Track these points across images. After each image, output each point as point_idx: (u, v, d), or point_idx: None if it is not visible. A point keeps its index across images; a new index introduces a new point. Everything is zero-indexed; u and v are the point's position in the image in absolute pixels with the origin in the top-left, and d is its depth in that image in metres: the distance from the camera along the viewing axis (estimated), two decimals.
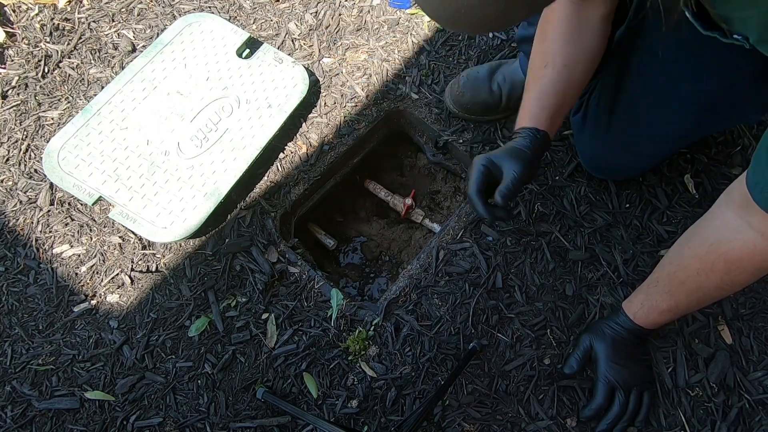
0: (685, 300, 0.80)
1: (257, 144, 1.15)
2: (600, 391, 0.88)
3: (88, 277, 1.09)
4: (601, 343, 0.90)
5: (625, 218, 1.08)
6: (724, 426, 0.91)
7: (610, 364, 0.88)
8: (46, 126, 1.23)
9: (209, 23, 1.27)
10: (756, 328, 0.98)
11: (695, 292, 0.77)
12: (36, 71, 1.29)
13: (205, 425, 0.96)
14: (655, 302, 0.84)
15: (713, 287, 0.74)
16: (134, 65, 1.21)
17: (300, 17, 1.35)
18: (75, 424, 0.97)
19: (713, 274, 0.72)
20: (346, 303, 1.04)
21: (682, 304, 0.81)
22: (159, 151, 1.14)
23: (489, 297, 1.03)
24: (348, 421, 0.96)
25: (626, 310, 0.89)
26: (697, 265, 0.74)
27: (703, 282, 0.75)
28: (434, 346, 1.00)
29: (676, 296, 0.80)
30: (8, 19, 1.36)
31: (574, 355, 0.93)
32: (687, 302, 0.80)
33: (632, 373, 0.88)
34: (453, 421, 0.94)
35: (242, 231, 1.12)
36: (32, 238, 1.12)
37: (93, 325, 1.05)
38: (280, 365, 1.00)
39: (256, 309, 1.05)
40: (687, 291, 0.78)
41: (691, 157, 1.13)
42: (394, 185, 1.42)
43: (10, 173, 1.19)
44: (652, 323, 0.87)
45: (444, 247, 1.09)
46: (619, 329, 0.89)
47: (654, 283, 0.84)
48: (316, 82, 1.27)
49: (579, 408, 0.93)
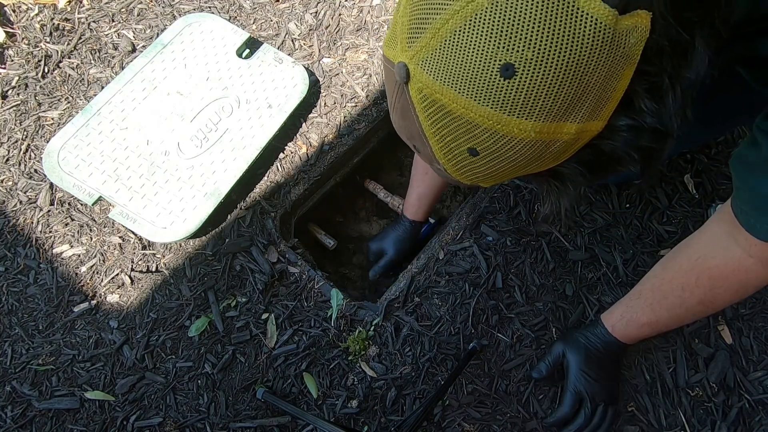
0: (666, 315, 0.78)
1: (257, 144, 1.15)
2: (567, 400, 0.87)
3: (88, 277, 1.09)
4: (574, 353, 0.88)
5: (625, 218, 1.08)
6: (724, 426, 0.91)
7: (580, 374, 0.87)
8: (46, 126, 1.23)
9: (209, 23, 1.27)
10: (756, 328, 0.98)
11: (677, 307, 0.76)
12: (36, 71, 1.29)
13: (205, 425, 0.96)
14: (636, 315, 0.82)
15: (696, 302, 0.74)
16: (134, 65, 1.21)
17: (300, 17, 1.35)
18: (75, 424, 0.97)
19: (697, 289, 0.72)
20: (346, 303, 1.04)
21: (663, 320, 0.79)
22: (159, 151, 1.14)
23: (489, 297, 1.03)
24: (348, 421, 0.96)
25: (604, 321, 0.87)
26: (682, 279, 0.74)
27: (686, 297, 0.74)
28: (434, 346, 1.00)
29: (658, 311, 0.79)
30: (8, 19, 1.36)
31: (545, 360, 0.92)
32: (668, 317, 0.79)
33: (602, 387, 0.87)
34: (453, 421, 0.94)
35: (242, 231, 1.12)
36: (32, 238, 1.12)
37: (93, 325, 1.05)
38: (280, 365, 1.00)
39: (256, 309, 1.05)
40: (669, 305, 0.77)
41: (691, 157, 1.13)
42: (394, 185, 1.42)
43: (10, 173, 1.19)
44: (629, 337, 0.85)
45: (444, 247, 1.09)
46: (594, 340, 0.88)
47: (636, 295, 0.83)
48: (316, 82, 1.27)
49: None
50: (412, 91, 0.45)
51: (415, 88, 0.45)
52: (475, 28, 0.40)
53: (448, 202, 1.40)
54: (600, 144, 0.46)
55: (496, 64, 0.40)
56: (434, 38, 0.42)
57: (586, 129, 0.44)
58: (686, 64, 0.43)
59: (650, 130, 0.45)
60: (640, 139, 0.45)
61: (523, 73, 0.39)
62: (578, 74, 0.40)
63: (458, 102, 0.42)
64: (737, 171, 0.61)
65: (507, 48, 0.39)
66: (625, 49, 0.40)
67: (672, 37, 0.41)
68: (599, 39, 0.38)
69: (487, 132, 0.43)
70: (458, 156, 0.48)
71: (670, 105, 0.44)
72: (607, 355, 0.88)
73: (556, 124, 0.43)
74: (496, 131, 0.43)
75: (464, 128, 0.44)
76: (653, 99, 0.44)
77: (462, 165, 0.49)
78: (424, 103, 0.45)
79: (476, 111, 0.42)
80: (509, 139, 0.43)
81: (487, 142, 0.44)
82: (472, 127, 0.44)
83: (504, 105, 0.41)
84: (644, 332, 0.83)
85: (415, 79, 0.44)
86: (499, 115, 0.42)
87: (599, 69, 0.40)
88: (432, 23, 0.42)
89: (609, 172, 0.50)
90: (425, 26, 0.43)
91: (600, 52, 0.39)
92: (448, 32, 0.41)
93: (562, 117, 0.42)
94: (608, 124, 0.45)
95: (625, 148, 0.46)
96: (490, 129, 0.43)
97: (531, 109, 0.41)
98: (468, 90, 0.42)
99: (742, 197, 0.62)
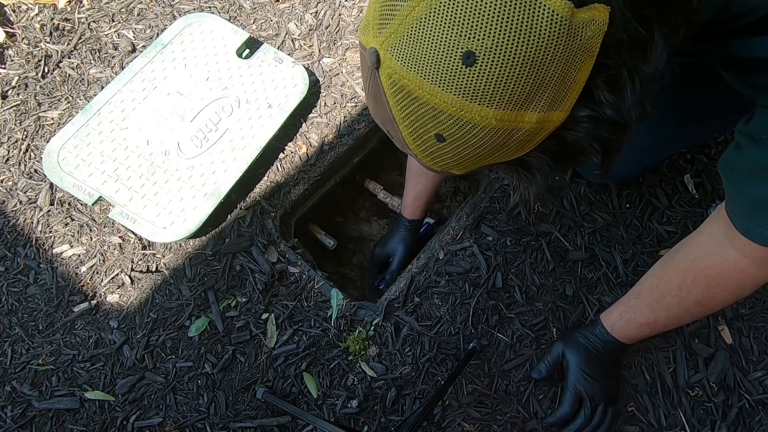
0: (665, 315, 0.79)
1: (257, 144, 1.15)
2: (567, 400, 0.88)
3: (88, 277, 1.09)
4: (574, 353, 0.89)
5: (625, 218, 1.08)
6: (724, 426, 0.91)
7: (580, 374, 0.87)
8: (46, 126, 1.23)
9: (209, 23, 1.27)
10: (756, 328, 0.98)
11: (675, 307, 0.77)
12: (36, 71, 1.29)
13: (205, 425, 0.96)
14: (634, 315, 0.83)
15: (693, 302, 0.74)
16: (134, 65, 1.21)
17: (300, 17, 1.35)
18: (75, 424, 0.97)
19: (694, 289, 0.72)
20: (346, 303, 1.04)
21: (661, 319, 0.80)
22: (159, 151, 1.14)
23: (489, 297, 1.03)
24: (348, 421, 0.96)
25: (603, 321, 0.88)
26: (679, 279, 0.74)
27: (684, 297, 0.74)
28: (434, 346, 1.00)
29: (656, 310, 0.79)
30: (8, 19, 1.36)
31: (545, 360, 0.92)
32: (666, 317, 0.79)
33: (602, 387, 0.87)
34: (453, 421, 0.94)
35: (242, 231, 1.12)
36: (32, 238, 1.12)
37: (93, 325, 1.05)
38: (280, 365, 1.00)
39: (256, 309, 1.05)
40: (667, 305, 0.78)
41: (691, 157, 1.13)
42: (394, 185, 1.42)
43: (10, 173, 1.19)
44: (628, 337, 0.85)
45: (444, 247, 1.09)
46: (593, 340, 0.88)
47: (635, 295, 0.83)
48: (316, 82, 1.27)
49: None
50: (383, 76, 0.47)
51: (385, 74, 0.46)
52: (439, 16, 0.41)
53: (448, 202, 1.40)
54: (563, 134, 0.48)
55: (458, 52, 0.41)
56: (402, 25, 0.43)
57: (548, 119, 0.45)
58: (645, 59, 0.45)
59: (609, 122, 0.46)
60: (600, 130, 0.47)
61: (484, 61, 0.41)
62: (536, 64, 0.41)
63: (424, 88, 0.44)
64: (725, 175, 0.62)
65: (468, 36, 0.40)
66: (582, 41, 0.41)
67: (630, 32, 0.43)
68: (555, 30, 0.40)
69: (451, 118, 0.45)
70: (427, 142, 0.49)
71: (629, 97, 0.45)
72: (607, 355, 0.88)
73: (517, 112, 0.44)
74: (459, 117, 0.44)
75: (430, 114, 0.46)
76: (612, 91, 0.45)
77: (431, 151, 0.50)
78: (393, 89, 0.46)
79: (440, 97, 0.44)
80: (472, 126, 0.45)
81: (453, 128, 0.46)
82: (438, 113, 0.45)
83: (466, 92, 0.42)
84: (643, 332, 0.84)
85: (384, 64, 0.46)
86: (461, 102, 0.43)
87: (557, 60, 0.41)
88: (400, 10, 0.43)
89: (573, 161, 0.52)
90: (394, 13, 0.44)
91: (557, 44, 0.40)
92: (414, 19, 0.42)
93: (523, 106, 0.44)
94: (570, 115, 0.46)
95: (586, 138, 0.48)
96: (454, 116, 0.44)
97: (492, 97, 0.42)
98: (433, 76, 0.43)
99: (733, 200, 0.63)
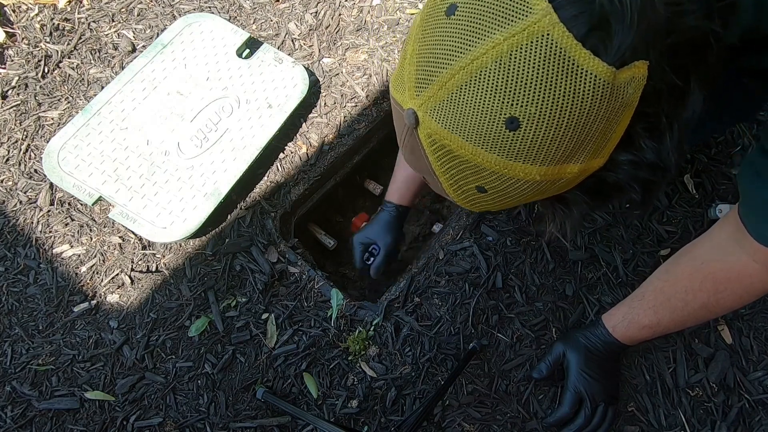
0: (668, 317, 0.78)
1: (257, 144, 1.15)
2: (567, 400, 0.87)
3: (88, 277, 1.09)
4: (574, 353, 0.89)
5: (625, 218, 1.08)
6: (724, 426, 0.91)
7: (581, 374, 0.87)
8: (46, 126, 1.23)
9: (209, 23, 1.27)
10: (756, 328, 0.98)
11: (680, 310, 0.76)
12: (36, 71, 1.29)
13: (205, 425, 0.96)
14: (638, 317, 0.82)
15: (699, 306, 0.74)
16: (134, 65, 1.21)
17: (300, 17, 1.35)
18: (75, 424, 0.97)
19: (701, 293, 0.72)
20: (346, 303, 1.04)
21: (664, 322, 0.79)
22: (159, 151, 1.14)
23: (489, 297, 1.03)
24: (348, 421, 0.96)
25: (605, 322, 0.87)
26: (686, 282, 0.74)
27: (689, 300, 0.74)
28: (434, 346, 1.00)
29: (660, 313, 0.79)
30: (8, 19, 1.36)
31: (545, 360, 0.92)
32: (669, 320, 0.79)
33: (602, 387, 0.87)
34: (453, 421, 0.94)
35: (242, 231, 1.12)
36: (32, 238, 1.12)
37: (93, 325, 1.05)
38: (280, 365, 1.00)
39: (256, 309, 1.05)
40: (672, 308, 0.77)
41: (691, 157, 1.13)
42: None
43: (10, 173, 1.19)
44: (630, 338, 0.85)
45: (444, 247, 1.09)
46: (594, 340, 0.88)
47: (639, 297, 0.83)
48: (316, 82, 1.27)
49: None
50: (421, 134, 0.47)
51: (424, 133, 0.47)
52: (480, 84, 0.42)
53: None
54: (603, 175, 0.49)
55: (501, 118, 0.42)
56: (441, 90, 0.44)
57: (589, 167, 0.47)
58: (683, 105, 0.46)
59: (649, 165, 0.47)
60: (640, 172, 0.48)
61: (528, 126, 0.42)
62: (579, 125, 0.42)
63: (465, 148, 0.45)
64: (746, 178, 0.61)
65: (511, 103, 0.41)
66: (624, 98, 0.42)
67: (668, 82, 0.44)
68: (599, 93, 0.40)
69: (494, 174, 0.46)
70: (467, 192, 0.50)
71: (668, 142, 0.46)
72: (608, 355, 0.88)
73: (560, 166, 0.45)
74: (502, 174, 0.45)
75: (472, 170, 0.47)
76: (652, 138, 0.46)
77: (471, 199, 0.52)
78: (432, 147, 0.47)
79: (483, 157, 0.44)
80: (515, 180, 0.46)
81: (495, 182, 0.47)
82: (480, 170, 0.46)
83: (510, 152, 0.43)
84: (645, 334, 0.83)
85: (424, 125, 0.46)
86: (505, 162, 0.44)
87: (599, 119, 0.42)
88: (438, 76, 0.44)
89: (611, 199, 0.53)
90: (432, 78, 0.45)
91: (599, 105, 0.41)
92: (454, 86, 0.43)
93: (566, 160, 0.45)
94: (610, 159, 0.47)
95: (626, 179, 0.49)
96: (497, 172, 0.45)
97: (536, 156, 0.43)
98: (475, 138, 0.44)
99: (749, 204, 0.62)
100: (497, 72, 0.41)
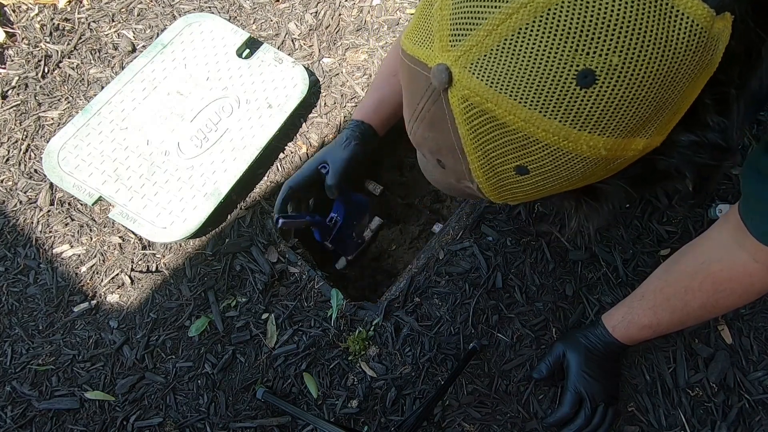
0: (668, 317, 0.78)
1: (257, 144, 1.15)
2: (568, 400, 0.87)
3: (88, 277, 1.09)
4: (574, 353, 0.88)
5: (625, 218, 1.08)
6: (724, 426, 0.91)
7: (581, 374, 0.87)
8: (46, 126, 1.23)
9: (209, 23, 1.27)
10: (756, 328, 0.98)
11: (680, 310, 0.76)
12: (36, 71, 1.29)
13: (205, 425, 0.96)
14: (637, 317, 0.82)
15: (698, 306, 0.73)
16: (134, 65, 1.21)
17: (300, 17, 1.35)
18: (75, 425, 0.98)
19: (700, 293, 0.72)
20: (346, 303, 1.04)
21: (664, 322, 0.79)
22: (159, 151, 1.14)
23: (489, 297, 1.03)
24: (348, 421, 0.96)
25: (605, 322, 0.87)
26: (686, 282, 0.74)
27: (689, 300, 0.74)
28: (434, 346, 1.00)
29: (660, 313, 0.79)
30: (8, 19, 1.36)
31: (545, 360, 0.92)
32: (669, 320, 0.79)
33: (602, 387, 0.87)
34: (453, 421, 0.94)
35: (242, 231, 1.12)
36: (32, 238, 1.12)
37: (93, 325, 1.05)
38: (280, 365, 1.00)
39: (256, 309, 1.05)
40: (671, 308, 0.77)
41: None
42: (394, 185, 1.42)
43: (10, 173, 1.19)
44: (630, 338, 0.85)
45: (444, 247, 1.09)
46: (594, 340, 0.88)
47: (639, 297, 0.83)
48: (316, 82, 1.27)
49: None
50: (454, 98, 0.38)
51: (458, 96, 0.38)
52: (548, 25, 0.33)
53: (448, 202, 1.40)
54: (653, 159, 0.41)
55: (572, 71, 0.33)
56: (490, 36, 0.35)
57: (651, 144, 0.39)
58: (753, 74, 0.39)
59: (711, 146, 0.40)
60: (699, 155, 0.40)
61: (605, 82, 0.33)
62: (666, 83, 0.34)
63: (516, 114, 0.36)
64: (748, 177, 0.60)
65: (588, 51, 0.33)
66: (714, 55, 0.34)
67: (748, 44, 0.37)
68: (693, 43, 0.33)
69: (547, 149, 0.37)
70: (501, 174, 0.41)
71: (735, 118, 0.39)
72: (608, 355, 0.88)
73: (629, 140, 0.37)
74: (559, 148, 0.37)
75: (518, 143, 0.38)
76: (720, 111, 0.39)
77: (502, 184, 0.43)
78: (468, 114, 0.38)
79: (539, 125, 0.36)
80: (572, 156, 0.37)
81: (544, 159, 0.38)
82: (529, 143, 0.37)
83: (576, 119, 0.35)
84: (645, 334, 0.83)
85: (459, 84, 0.37)
86: (568, 130, 0.36)
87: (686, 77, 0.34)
88: (488, 18, 0.35)
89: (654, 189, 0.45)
90: (477, 21, 0.35)
91: (691, 59, 0.34)
92: (509, 29, 0.34)
93: (638, 132, 0.36)
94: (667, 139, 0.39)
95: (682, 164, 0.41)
96: (553, 145, 0.37)
97: (607, 124, 0.35)
98: (532, 100, 0.35)
99: (750, 204, 0.61)
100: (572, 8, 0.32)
